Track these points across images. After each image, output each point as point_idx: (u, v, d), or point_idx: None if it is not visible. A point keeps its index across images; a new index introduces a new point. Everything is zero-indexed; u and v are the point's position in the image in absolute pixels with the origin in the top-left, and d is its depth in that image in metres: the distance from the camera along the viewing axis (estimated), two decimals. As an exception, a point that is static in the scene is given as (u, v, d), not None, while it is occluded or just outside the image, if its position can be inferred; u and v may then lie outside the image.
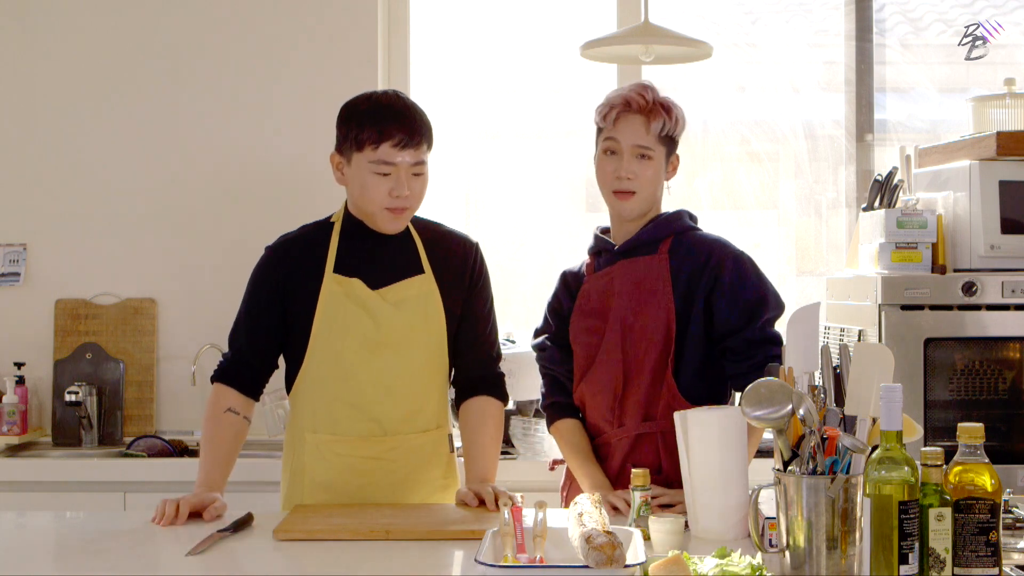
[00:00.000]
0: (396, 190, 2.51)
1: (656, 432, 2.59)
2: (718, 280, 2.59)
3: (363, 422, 2.59)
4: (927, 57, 4.30)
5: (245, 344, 2.64)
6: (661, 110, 2.62)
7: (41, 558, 2.26)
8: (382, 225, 2.58)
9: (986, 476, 1.90)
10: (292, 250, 2.64)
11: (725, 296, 2.58)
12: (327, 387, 2.59)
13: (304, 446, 2.62)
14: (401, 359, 2.59)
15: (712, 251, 2.63)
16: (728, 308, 2.58)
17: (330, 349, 2.58)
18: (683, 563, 1.84)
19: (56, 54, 3.99)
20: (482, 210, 4.28)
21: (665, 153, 2.65)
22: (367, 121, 2.51)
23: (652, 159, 2.62)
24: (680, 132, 2.68)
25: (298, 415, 2.65)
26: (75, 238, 3.99)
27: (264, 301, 2.62)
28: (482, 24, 4.27)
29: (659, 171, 2.65)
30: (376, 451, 2.60)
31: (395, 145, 2.49)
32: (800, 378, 2.04)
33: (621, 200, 2.64)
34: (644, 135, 2.62)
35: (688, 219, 2.72)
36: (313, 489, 2.60)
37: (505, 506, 2.11)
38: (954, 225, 3.45)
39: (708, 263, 2.61)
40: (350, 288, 2.57)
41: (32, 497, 3.40)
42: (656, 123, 2.61)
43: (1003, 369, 3.39)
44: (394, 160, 2.50)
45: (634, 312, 2.62)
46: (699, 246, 2.65)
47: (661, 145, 2.64)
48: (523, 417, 3.56)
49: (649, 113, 2.62)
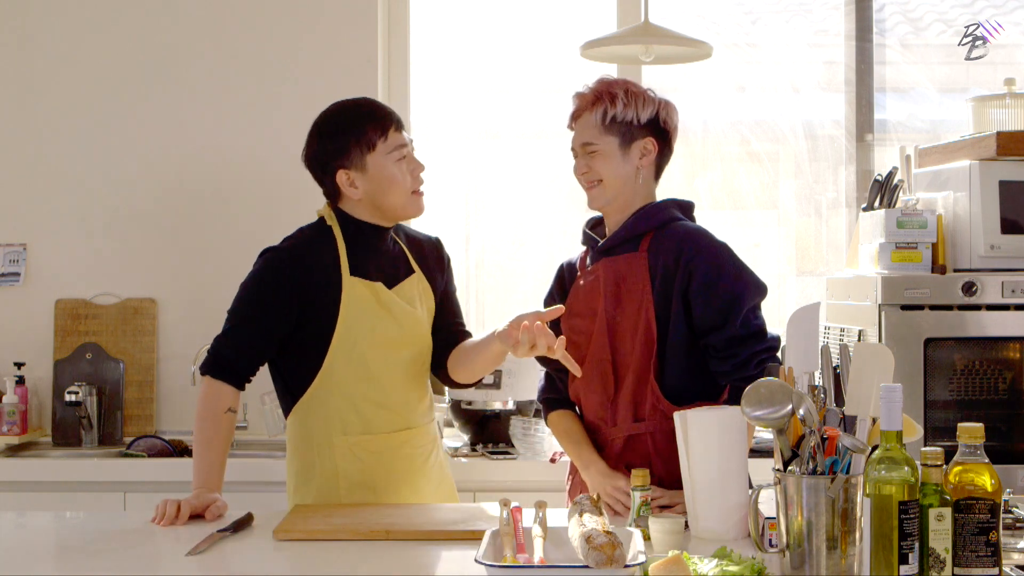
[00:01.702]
0: (416, 168, 2.66)
1: (646, 433, 2.56)
2: (692, 277, 2.53)
3: (391, 418, 2.65)
4: (927, 57, 4.30)
5: (247, 343, 2.62)
6: (604, 98, 2.59)
7: (41, 558, 2.26)
8: (412, 212, 2.69)
9: (986, 476, 1.90)
10: (305, 255, 2.63)
11: (700, 293, 2.52)
12: (353, 388, 2.61)
13: (334, 449, 2.62)
14: (415, 354, 2.69)
15: (683, 246, 2.55)
16: (704, 305, 2.52)
17: (354, 351, 2.60)
18: (683, 563, 1.84)
19: (56, 55, 3.99)
20: (482, 210, 4.28)
21: (618, 142, 2.60)
22: (363, 120, 2.63)
23: (598, 151, 2.59)
24: (639, 116, 2.59)
25: (318, 420, 2.64)
26: (75, 238, 3.99)
27: (276, 305, 2.60)
28: (482, 24, 4.27)
29: (612, 161, 2.60)
30: (404, 443, 2.66)
31: (397, 129, 2.65)
32: (800, 378, 2.04)
33: (589, 191, 2.64)
34: (586, 130, 2.61)
35: (675, 209, 2.64)
36: (351, 489, 2.62)
37: (505, 506, 2.12)
38: (954, 225, 3.45)
39: (680, 259, 2.53)
40: (374, 290, 2.62)
41: (32, 497, 3.40)
42: (596, 113, 2.59)
43: (1003, 369, 3.39)
44: (403, 141, 2.65)
45: (617, 312, 2.59)
46: (672, 241, 2.57)
47: (610, 135, 2.59)
48: (523, 417, 3.56)
49: (592, 105, 2.60)
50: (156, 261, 3.98)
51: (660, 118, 2.63)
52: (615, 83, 2.62)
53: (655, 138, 2.63)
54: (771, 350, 2.52)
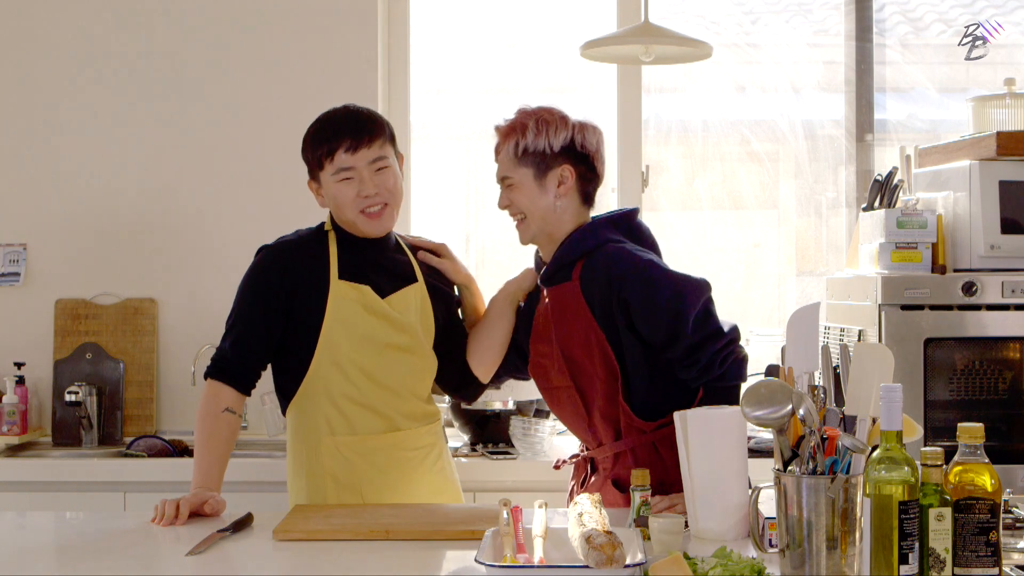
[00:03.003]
0: (362, 190, 2.62)
1: (627, 450, 2.56)
2: (628, 303, 2.49)
3: (375, 420, 2.65)
4: (927, 57, 4.30)
5: (243, 341, 2.64)
6: (517, 130, 2.58)
7: (41, 558, 2.26)
8: (365, 230, 2.66)
9: (986, 476, 1.90)
10: (294, 254, 2.67)
11: (642, 316, 2.49)
12: (338, 389, 2.63)
13: (320, 448, 2.64)
14: (406, 361, 2.67)
15: (611, 273, 2.51)
16: (651, 327, 2.49)
17: (340, 352, 2.62)
18: (683, 563, 1.84)
19: (56, 55, 3.99)
20: (482, 210, 4.28)
21: (533, 173, 2.57)
22: (318, 140, 2.66)
23: (514, 184, 2.59)
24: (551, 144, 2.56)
25: (309, 419, 2.66)
26: (75, 238, 3.98)
27: (266, 301, 2.64)
28: (482, 24, 4.27)
29: (529, 192, 2.57)
30: (393, 446, 2.66)
31: (347, 150, 2.61)
32: (800, 378, 2.04)
33: (517, 227, 2.66)
34: (504, 163, 2.61)
35: (605, 230, 2.59)
36: (339, 490, 2.63)
37: (505, 506, 2.12)
38: (954, 225, 3.45)
39: (611, 288, 2.50)
40: (361, 294, 2.63)
41: (32, 497, 3.39)
42: (509, 145, 2.59)
43: (1003, 369, 3.39)
44: (351, 164, 2.61)
45: (570, 341, 2.58)
46: (599, 271, 2.53)
47: (523, 166, 2.57)
48: (523, 417, 3.56)
49: (505, 137, 2.60)
50: (156, 261, 3.97)
51: (576, 143, 2.58)
52: (528, 113, 2.60)
53: (571, 164, 2.58)
54: (731, 343, 2.50)
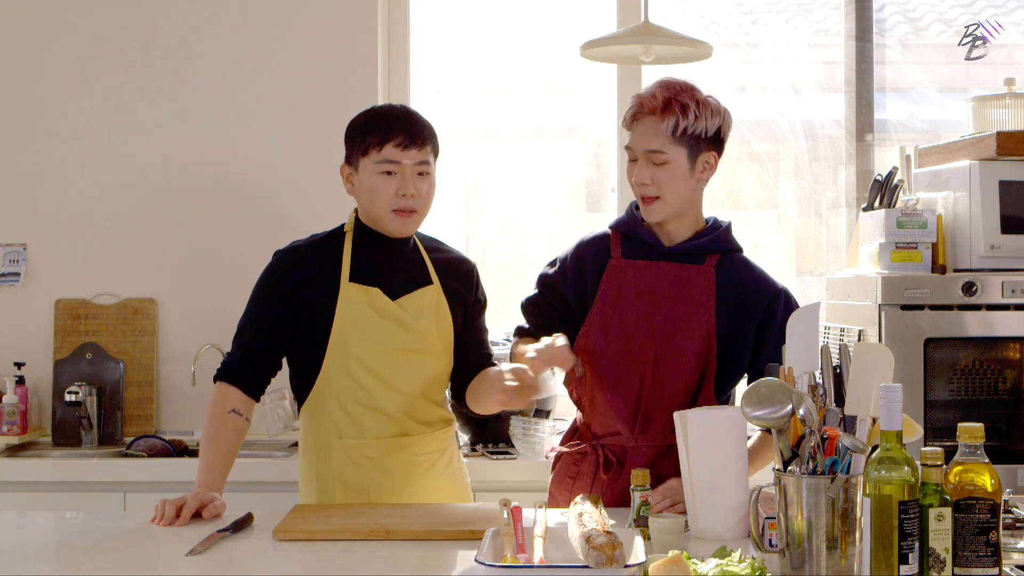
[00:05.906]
0: (402, 189, 2.59)
1: None
2: (771, 315, 2.56)
3: (385, 424, 2.64)
4: (927, 57, 4.30)
5: (252, 345, 2.64)
6: (675, 108, 2.51)
7: (41, 558, 2.27)
8: (391, 228, 2.64)
9: (986, 476, 1.90)
10: (305, 257, 2.67)
11: (775, 333, 2.50)
12: (348, 393, 2.62)
13: (330, 451, 2.64)
14: (417, 364, 2.66)
15: (764, 284, 2.60)
16: (771, 347, 2.52)
17: (349, 355, 2.61)
18: (683, 563, 1.84)
19: (57, 55, 3.99)
20: (482, 210, 4.28)
21: (687, 153, 2.53)
22: (371, 127, 2.62)
23: (667, 162, 2.53)
24: (708, 128, 2.53)
25: (319, 421, 2.66)
26: (75, 238, 3.99)
27: (275, 305, 2.64)
28: (482, 24, 4.28)
29: (679, 173, 2.53)
30: (402, 449, 2.65)
31: (397, 145, 2.59)
32: (800, 378, 2.04)
33: (645, 205, 2.58)
34: (655, 138, 2.52)
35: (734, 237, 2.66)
36: (346, 493, 2.63)
37: (505, 506, 2.12)
38: (954, 225, 3.45)
39: (761, 294, 2.58)
40: (371, 297, 2.62)
41: (32, 497, 3.40)
42: (668, 122, 2.51)
43: (1003, 369, 3.39)
44: (398, 159, 2.59)
45: (675, 321, 2.56)
46: (751, 273, 2.61)
47: (679, 145, 2.52)
48: (523, 417, 3.56)
49: (662, 112, 2.52)
50: (156, 261, 3.98)
51: (722, 131, 2.58)
52: (684, 91, 2.55)
53: (716, 151, 2.59)
54: None
